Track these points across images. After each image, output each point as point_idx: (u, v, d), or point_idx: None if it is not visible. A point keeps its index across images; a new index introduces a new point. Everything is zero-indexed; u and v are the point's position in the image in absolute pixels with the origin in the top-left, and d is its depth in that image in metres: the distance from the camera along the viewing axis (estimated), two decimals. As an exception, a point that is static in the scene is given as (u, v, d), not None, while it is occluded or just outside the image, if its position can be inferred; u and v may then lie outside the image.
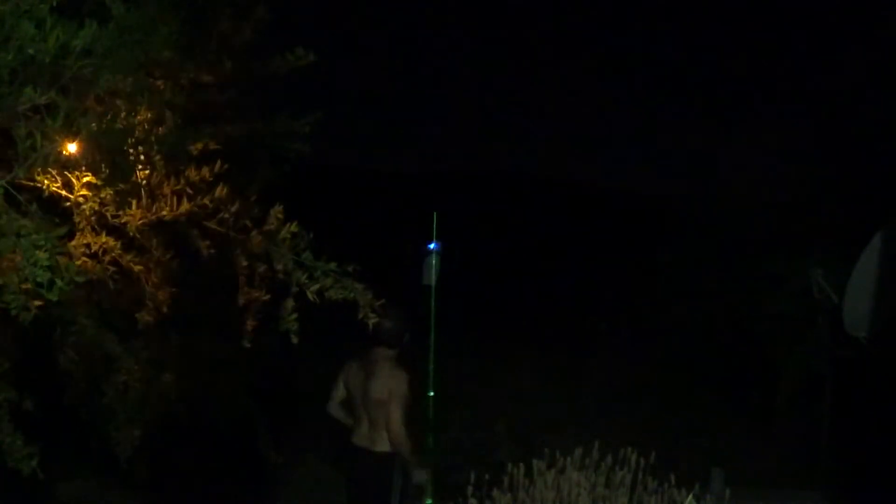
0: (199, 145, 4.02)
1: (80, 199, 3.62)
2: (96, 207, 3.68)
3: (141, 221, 3.83)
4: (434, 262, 4.99)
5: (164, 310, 4.17)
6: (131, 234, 3.87)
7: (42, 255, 3.14)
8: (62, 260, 3.15)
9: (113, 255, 3.85)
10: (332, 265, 4.36)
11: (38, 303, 3.24)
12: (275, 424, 5.03)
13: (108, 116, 3.54)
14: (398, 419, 4.95)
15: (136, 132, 3.62)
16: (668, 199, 13.19)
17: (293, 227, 4.40)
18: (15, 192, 3.34)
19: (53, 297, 3.17)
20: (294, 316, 4.41)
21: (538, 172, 19.84)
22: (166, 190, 3.88)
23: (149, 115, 3.73)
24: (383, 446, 5.02)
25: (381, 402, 4.96)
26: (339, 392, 5.18)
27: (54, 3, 3.30)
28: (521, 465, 5.05)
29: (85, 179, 3.61)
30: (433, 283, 4.98)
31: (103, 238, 3.75)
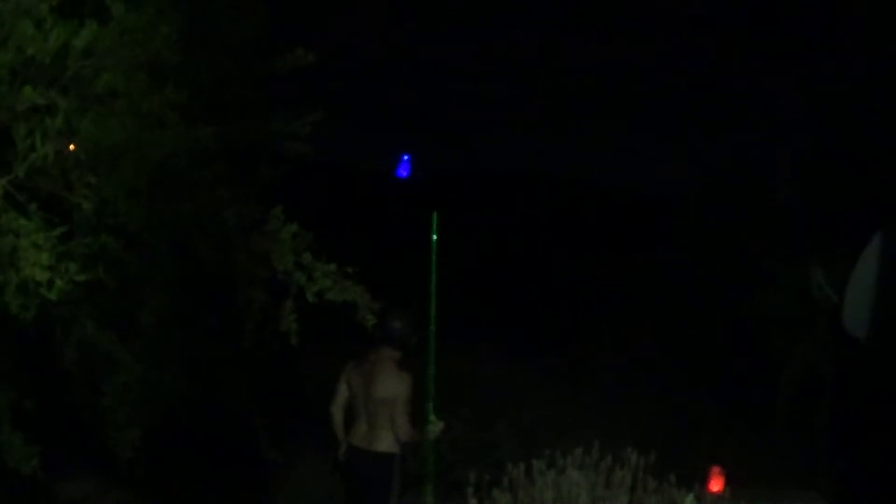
0: (200, 145, 4.02)
1: (80, 199, 3.62)
2: (96, 207, 3.68)
3: (141, 221, 3.82)
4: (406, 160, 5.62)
5: (164, 310, 4.17)
6: (131, 233, 3.86)
7: (42, 255, 3.14)
8: (62, 260, 3.15)
9: (113, 255, 3.84)
10: (332, 267, 4.37)
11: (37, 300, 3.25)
12: (275, 424, 5.02)
13: (108, 116, 3.55)
14: (405, 420, 4.96)
15: (136, 132, 3.62)
16: (668, 199, 13.19)
17: (293, 228, 4.40)
18: (15, 192, 3.34)
19: (53, 296, 3.17)
20: (293, 317, 4.42)
21: (539, 172, 19.81)
22: (166, 190, 3.88)
23: (148, 116, 3.73)
24: (383, 446, 5.02)
25: (384, 402, 4.96)
26: (343, 392, 5.18)
27: (54, 3, 3.31)
28: (521, 464, 5.06)
29: (85, 179, 3.61)
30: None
31: (103, 238, 3.75)
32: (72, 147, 3.46)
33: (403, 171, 5.80)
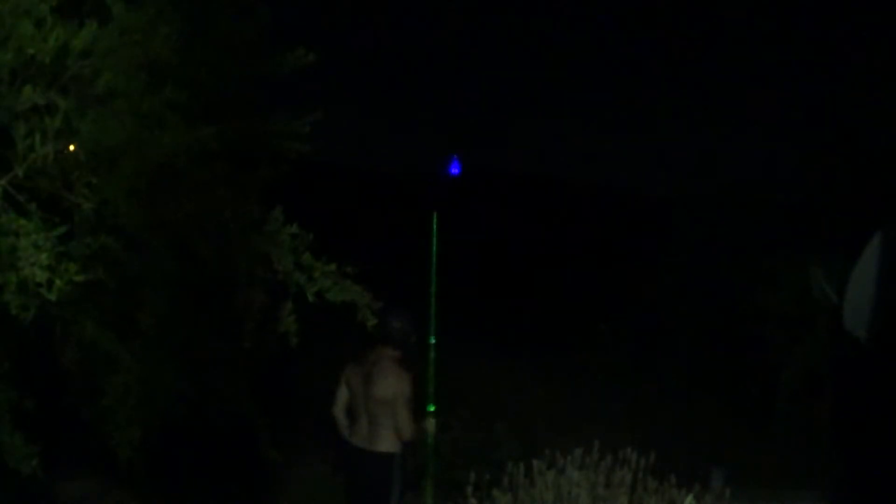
0: (200, 145, 4.02)
1: (80, 200, 3.62)
2: (96, 207, 3.67)
3: (141, 221, 3.82)
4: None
5: (164, 310, 4.17)
6: (131, 233, 3.86)
7: (42, 256, 3.14)
8: (62, 260, 3.15)
9: (113, 255, 3.84)
10: (332, 267, 4.37)
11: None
12: (275, 424, 5.01)
13: (108, 117, 3.54)
14: (408, 419, 4.96)
15: (136, 133, 3.62)
16: (668, 199, 13.20)
17: (293, 229, 4.40)
18: (15, 193, 3.34)
19: (53, 296, 3.17)
20: (293, 317, 4.41)
21: (538, 172, 19.83)
22: (166, 190, 3.88)
23: (149, 116, 3.73)
24: (383, 446, 5.02)
25: (384, 402, 4.96)
26: (343, 394, 5.18)
27: (54, 3, 3.30)
28: (521, 464, 5.05)
29: (85, 179, 3.61)
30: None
31: (103, 238, 3.74)
32: (71, 147, 3.46)
33: (455, 169, 5.98)
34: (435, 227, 5.27)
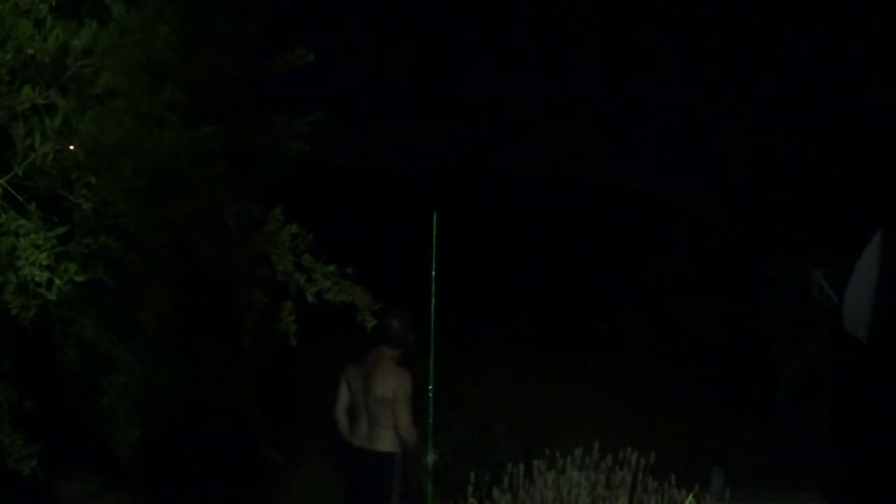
0: (200, 145, 4.02)
1: (80, 200, 3.62)
2: (96, 207, 3.67)
3: (141, 221, 3.82)
4: None
5: (164, 310, 4.17)
6: (131, 233, 3.86)
7: (41, 255, 3.14)
8: (61, 260, 3.15)
9: (113, 255, 3.84)
10: (332, 267, 4.37)
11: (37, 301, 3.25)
12: (275, 424, 5.01)
13: (108, 116, 3.54)
14: (407, 418, 4.96)
15: (136, 132, 3.62)
16: (668, 199, 13.20)
17: (293, 229, 4.40)
18: (14, 193, 3.34)
19: (53, 296, 3.17)
20: (293, 317, 4.42)
21: (538, 172, 19.77)
22: (166, 190, 3.88)
23: (148, 115, 3.73)
24: (383, 446, 5.02)
25: (384, 401, 4.96)
26: (344, 394, 5.18)
27: (54, 3, 3.31)
28: (521, 465, 5.06)
29: (84, 179, 3.60)
30: None
31: (103, 238, 3.75)
32: (71, 147, 3.46)
33: None
34: (435, 226, 5.26)
